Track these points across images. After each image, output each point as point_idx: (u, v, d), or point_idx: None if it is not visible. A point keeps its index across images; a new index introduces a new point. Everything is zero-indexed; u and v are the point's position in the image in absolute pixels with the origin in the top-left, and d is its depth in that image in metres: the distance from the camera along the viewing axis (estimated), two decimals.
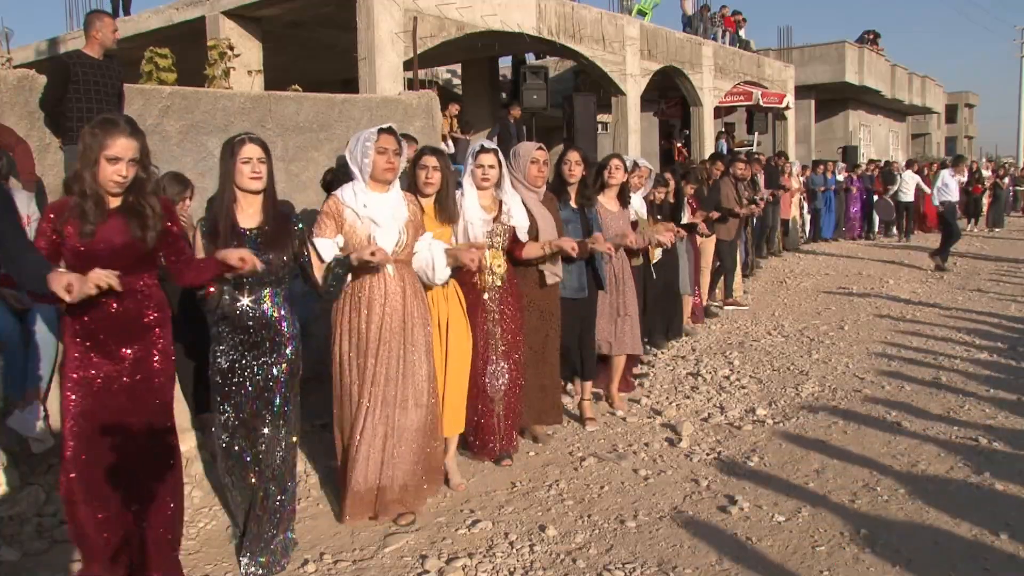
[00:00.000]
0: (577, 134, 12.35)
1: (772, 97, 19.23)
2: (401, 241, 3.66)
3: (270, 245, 3.16)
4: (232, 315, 3.17)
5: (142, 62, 7.99)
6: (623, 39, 15.01)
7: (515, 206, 4.31)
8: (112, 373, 2.76)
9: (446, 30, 11.56)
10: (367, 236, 3.58)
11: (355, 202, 3.60)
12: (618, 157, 5.34)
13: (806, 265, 12.48)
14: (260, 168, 3.15)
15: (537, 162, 4.51)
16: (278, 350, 3.21)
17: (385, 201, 3.64)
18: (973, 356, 6.62)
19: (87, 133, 2.70)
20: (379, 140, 3.57)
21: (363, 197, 3.61)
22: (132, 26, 12.91)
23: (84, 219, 2.67)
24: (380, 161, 3.58)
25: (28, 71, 5.61)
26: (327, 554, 3.40)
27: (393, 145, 3.61)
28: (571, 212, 4.84)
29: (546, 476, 4.25)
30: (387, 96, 9.01)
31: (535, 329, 4.55)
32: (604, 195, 5.25)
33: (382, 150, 3.57)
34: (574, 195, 4.90)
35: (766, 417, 5.14)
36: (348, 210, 3.60)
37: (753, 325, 8.19)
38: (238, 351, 3.18)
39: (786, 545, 3.39)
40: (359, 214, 3.59)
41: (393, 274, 3.64)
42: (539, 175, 4.53)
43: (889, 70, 26.58)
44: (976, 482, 4.00)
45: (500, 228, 4.25)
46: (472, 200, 4.20)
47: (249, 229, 3.17)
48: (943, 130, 41.09)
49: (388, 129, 3.63)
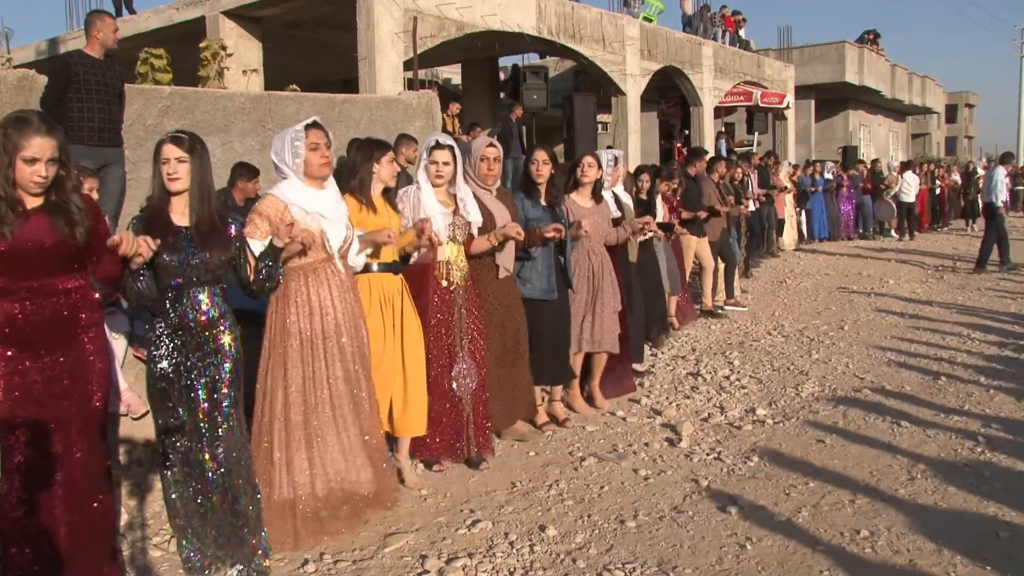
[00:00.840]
0: (577, 134, 12.36)
1: (772, 97, 19.23)
2: (348, 236, 3.60)
3: (204, 243, 3.06)
4: (171, 316, 3.06)
5: (138, 63, 7.99)
6: (623, 39, 15.01)
7: (469, 202, 4.26)
8: (46, 376, 2.67)
9: (446, 30, 11.56)
10: (320, 232, 3.48)
11: (300, 199, 3.47)
12: (591, 155, 5.32)
13: (806, 265, 12.48)
14: (177, 169, 3.03)
15: (487, 159, 4.45)
16: (221, 349, 3.13)
17: (327, 196, 3.56)
18: (973, 356, 6.62)
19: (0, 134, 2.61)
20: (309, 137, 3.45)
21: (305, 193, 3.49)
22: (132, 26, 12.91)
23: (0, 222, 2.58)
24: (314, 158, 3.47)
25: (28, 71, 5.62)
26: (327, 554, 3.40)
27: (324, 139, 3.50)
28: (542, 210, 4.79)
29: (546, 476, 4.25)
30: (387, 96, 9.01)
31: (502, 325, 4.49)
32: (578, 193, 5.22)
33: (314, 146, 3.46)
34: (543, 193, 4.85)
35: (766, 417, 5.14)
36: (294, 208, 3.45)
37: (753, 325, 8.19)
38: (182, 353, 3.08)
39: (786, 545, 3.39)
40: (307, 211, 3.47)
41: (340, 268, 3.58)
42: (489, 173, 4.47)
43: (889, 70, 26.59)
44: (976, 482, 4.00)
45: (460, 221, 4.21)
46: (429, 195, 4.16)
47: (184, 227, 3.08)
48: (943, 130, 41.11)
49: (315, 124, 3.51)
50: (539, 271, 4.71)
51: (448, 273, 4.18)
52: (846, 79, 22.97)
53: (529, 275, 4.71)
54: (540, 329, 4.74)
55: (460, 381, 4.19)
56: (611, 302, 5.19)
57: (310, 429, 3.48)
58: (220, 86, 8.37)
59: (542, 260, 4.72)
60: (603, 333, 5.15)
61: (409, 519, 3.75)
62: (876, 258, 13.45)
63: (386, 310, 3.92)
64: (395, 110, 7.47)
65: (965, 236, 17.12)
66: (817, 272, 11.80)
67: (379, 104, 7.57)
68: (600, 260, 5.19)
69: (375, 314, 3.87)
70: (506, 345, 4.51)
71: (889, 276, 11.34)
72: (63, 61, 5.44)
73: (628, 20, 15.32)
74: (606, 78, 14.96)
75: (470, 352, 4.22)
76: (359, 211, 3.89)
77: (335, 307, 3.53)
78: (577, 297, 5.08)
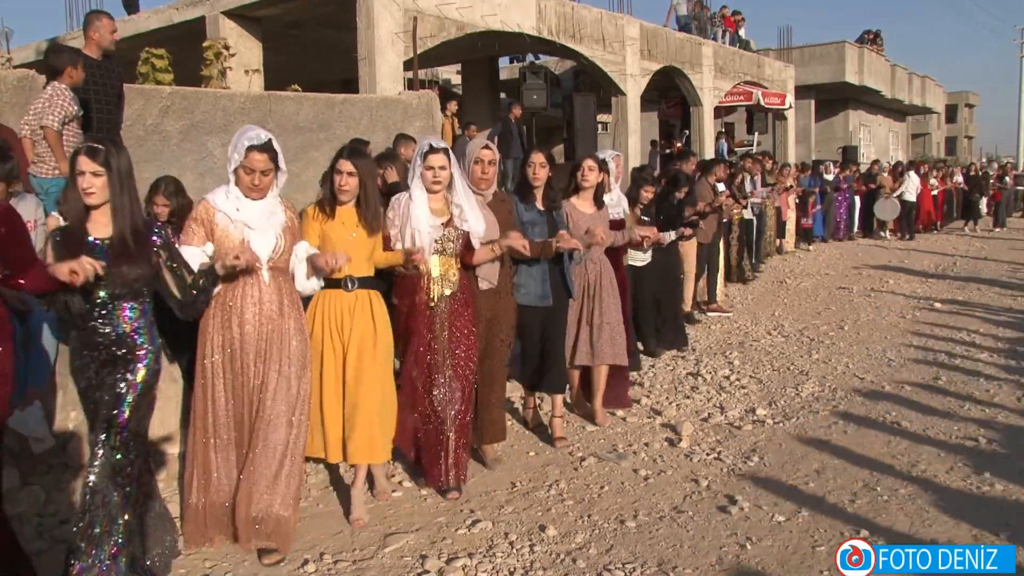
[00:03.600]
0: (577, 134, 12.36)
1: (772, 97, 19.23)
2: (278, 247, 3.41)
3: (121, 257, 2.93)
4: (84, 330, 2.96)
5: (138, 63, 8.00)
6: (623, 39, 15.01)
7: (469, 209, 3.99)
8: None
9: (446, 30, 11.56)
10: (241, 241, 3.32)
11: (227, 206, 3.34)
12: (592, 157, 5.07)
13: (806, 265, 12.48)
14: (93, 183, 2.89)
15: (481, 163, 4.21)
16: (129, 366, 2.98)
17: (260, 205, 3.38)
18: (973, 356, 6.62)
19: None
20: (247, 157, 3.29)
21: (236, 201, 3.35)
22: (132, 26, 12.92)
23: None
24: (244, 179, 3.32)
25: (28, 71, 5.63)
26: (327, 554, 3.41)
27: (262, 165, 3.31)
28: (537, 214, 4.56)
29: (546, 476, 4.25)
30: (387, 96, 9.01)
31: (481, 339, 4.23)
32: (578, 197, 4.97)
33: (248, 170, 3.31)
34: (540, 197, 4.61)
35: (766, 417, 5.14)
36: (220, 215, 3.33)
37: (753, 325, 8.19)
38: (92, 368, 2.98)
39: (786, 545, 3.39)
40: (232, 218, 3.33)
41: (268, 281, 3.39)
42: (483, 177, 4.21)
43: (889, 70, 26.59)
44: (976, 482, 4.00)
45: (452, 233, 3.96)
46: (421, 204, 3.90)
47: (101, 239, 2.96)
48: (943, 130, 41.13)
49: (262, 146, 3.32)
50: (534, 276, 4.51)
51: (431, 288, 3.94)
52: (846, 79, 22.97)
53: (524, 280, 4.50)
54: (533, 336, 4.57)
55: (443, 403, 3.92)
56: (612, 312, 4.96)
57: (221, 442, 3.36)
58: (223, 86, 8.38)
59: (537, 265, 4.51)
60: (603, 345, 4.90)
61: (409, 519, 3.75)
62: (876, 258, 13.45)
63: (328, 330, 3.68)
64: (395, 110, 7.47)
65: (964, 236, 17.13)
66: (817, 272, 11.80)
67: (379, 104, 7.58)
68: (599, 268, 4.97)
69: (316, 333, 3.67)
70: (480, 360, 4.23)
71: (889, 276, 11.34)
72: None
73: (628, 20, 15.32)
74: (606, 78, 14.96)
75: (456, 372, 3.96)
76: (322, 222, 3.69)
77: (257, 321, 3.35)
78: (573, 307, 4.85)
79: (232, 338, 3.35)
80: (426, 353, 3.94)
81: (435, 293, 3.94)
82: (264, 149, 3.32)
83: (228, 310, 3.36)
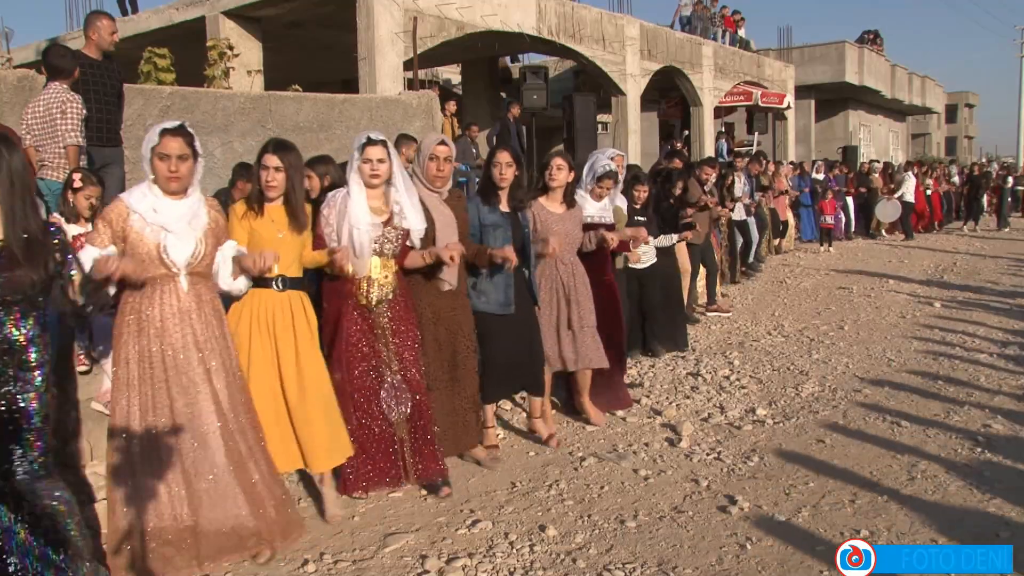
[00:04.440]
0: (577, 134, 12.36)
1: (772, 97, 19.26)
2: (198, 252, 3.21)
3: (13, 262, 2.71)
4: None
5: (141, 62, 8.01)
6: (623, 39, 15.02)
7: (409, 206, 3.79)
8: None
9: (446, 30, 11.57)
10: (157, 245, 3.14)
11: (143, 206, 3.13)
12: (561, 156, 4.81)
13: (806, 265, 12.48)
14: None
15: (436, 159, 4.03)
16: (23, 379, 2.74)
17: (180, 206, 3.19)
18: (973, 356, 6.61)
19: None
20: (161, 143, 3.11)
21: (153, 201, 3.14)
22: (132, 26, 12.93)
23: None
24: (161, 168, 3.12)
25: (28, 71, 5.64)
26: (327, 554, 3.41)
27: (178, 150, 3.11)
28: (500, 217, 4.35)
29: (546, 476, 4.25)
30: (387, 96, 9.02)
31: (443, 344, 4.10)
32: (547, 197, 4.75)
33: (162, 156, 3.10)
34: (505, 198, 4.40)
35: (766, 417, 5.14)
36: (135, 216, 3.13)
37: (753, 325, 8.19)
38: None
39: (786, 545, 3.39)
40: (147, 220, 3.13)
41: (187, 289, 3.20)
42: (439, 174, 4.05)
43: (889, 70, 26.62)
44: (977, 482, 3.99)
45: (392, 233, 3.76)
46: (359, 201, 3.68)
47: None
48: (943, 130, 41.18)
49: (177, 129, 3.16)
50: (495, 283, 4.30)
51: (369, 290, 3.73)
52: (846, 79, 22.99)
53: (485, 287, 4.31)
54: (494, 346, 4.35)
55: (389, 405, 3.77)
56: (589, 316, 4.79)
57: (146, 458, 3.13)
58: (225, 86, 8.39)
59: (500, 272, 4.29)
60: (586, 348, 4.74)
61: (409, 519, 3.75)
62: (876, 258, 13.45)
63: (257, 331, 3.49)
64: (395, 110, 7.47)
65: (964, 236, 17.13)
66: (817, 272, 11.80)
67: (379, 104, 7.58)
68: (571, 271, 4.76)
69: (244, 337, 3.49)
70: (442, 364, 4.11)
71: (889, 276, 11.34)
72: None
73: (628, 20, 15.33)
74: (606, 78, 14.97)
75: (402, 374, 3.80)
76: (251, 220, 3.51)
77: (177, 329, 3.17)
78: (545, 312, 4.68)
79: (148, 349, 3.14)
80: (362, 359, 3.73)
81: (373, 296, 3.74)
82: (178, 133, 3.15)
83: (143, 320, 3.15)
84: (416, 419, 3.85)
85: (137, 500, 3.10)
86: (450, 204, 4.15)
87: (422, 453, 3.87)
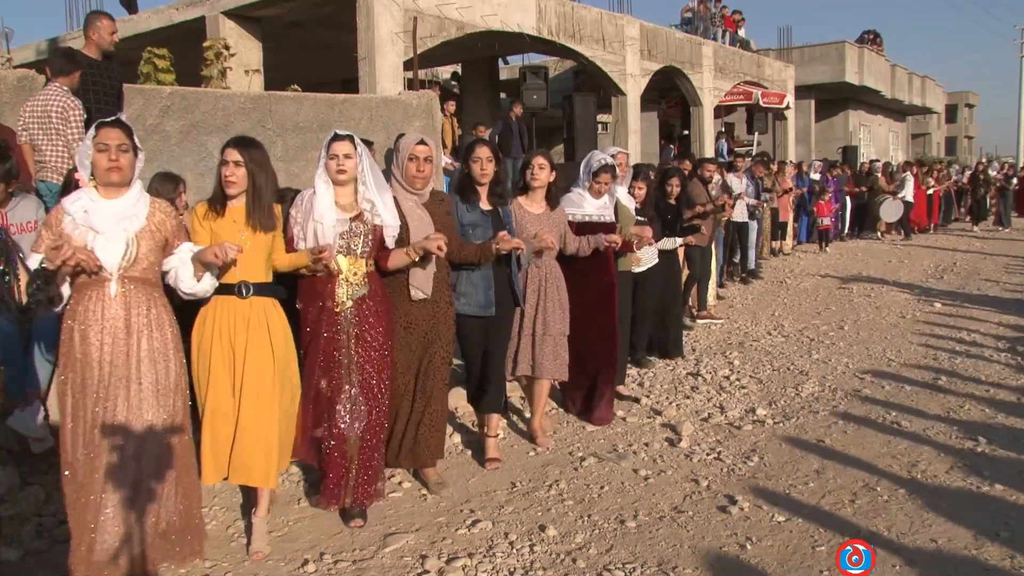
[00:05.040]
0: (577, 134, 12.36)
1: (772, 97, 19.25)
2: (129, 254, 3.00)
3: None
4: None
5: (140, 62, 8.01)
6: (623, 39, 15.02)
7: (382, 203, 3.61)
8: None
9: (446, 30, 11.57)
10: (84, 247, 2.94)
11: (76, 207, 2.97)
12: (542, 155, 4.65)
13: (806, 265, 12.48)
14: None
15: (416, 159, 3.86)
16: None
17: (115, 205, 3.01)
18: (973, 356, 6.62)
19: None
20: (99, 135, 2.98)
21: (87, 202, 2.99)
22: (132, 26, 12.93)
23: None
24: (101, 160, 2.98)
25: (28, 71, 5.63)
26: (327, 554, 3.41)
27: (117, 140, 2.99)
28: (480, 215, 4.20)
29: (546, 476, 4.25)
30: (387, 96, 9.01)
31: (413, 354, 3.90)
32: (527, 197, 4.61)
33: (102, 147, 2.97)
34: (485, 196, 4.26)
35: (766, 417, 5.14)
36: (68, 219, 2.97)
37: (753, 325, 8.19)
38: None
39: (786, 545, 3.40)
40: (78, 221, 2.97)
41: (114, 295, 2.98)
42: (418, 175, 3.87)
43: (889, 70, 26.61)
44: (976, 482, 4.00)
45: (361, 228, 3.57)
46: (325, 197, 3.54)
47: None
48: (943, 130, 41.17)
49: (114, 122, 3.04)
50: (475, 283, 4.14)
51: (335, 292, 3.56)
52: (846, 79, 22.99)
53: (465, 288, 4.15)
54: (473, 348, 4.24)
55: (346, 419, 3.56)
56: (557, 324, 4.58)
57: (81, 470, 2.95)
58: (223, 86, 8.38)
59: (480, 271, 4.15)
60: (544, 358, 4.56)
61: (409, 519, 3.75)
62: (876, 258, 13.45)
63: (219, 342, 3.31)
64: (395, 110, 7.46)
65: (964, 236, 17.12)
66: (817, 272, 11.80)
67: (379, 104, 7.57)
68: (545, 275, 4.58)
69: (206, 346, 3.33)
70: (409, 376, 3.92)
71: (889, 276, 11.35)
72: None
73: (628, 20, 15.33)
74: (606, 78, 14.97)
75: (362, 387, 3.59)
76: (212, 220, 3.34)
77: (99, 341, 2.96)
78: (527, 313, 4.52)
79: (76, 358, 2.96)
80: (329, 364, 3.56)
81: (340, 296, 3.55)
82: (116, 125, 3.03)
83: (70, 328, 2.97)
84: (368, 439, 3.63)
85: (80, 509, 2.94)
86: (430, 208, 3.96)
87: (363, 478, 3.66)
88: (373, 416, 3.62)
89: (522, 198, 4.62)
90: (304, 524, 3.67)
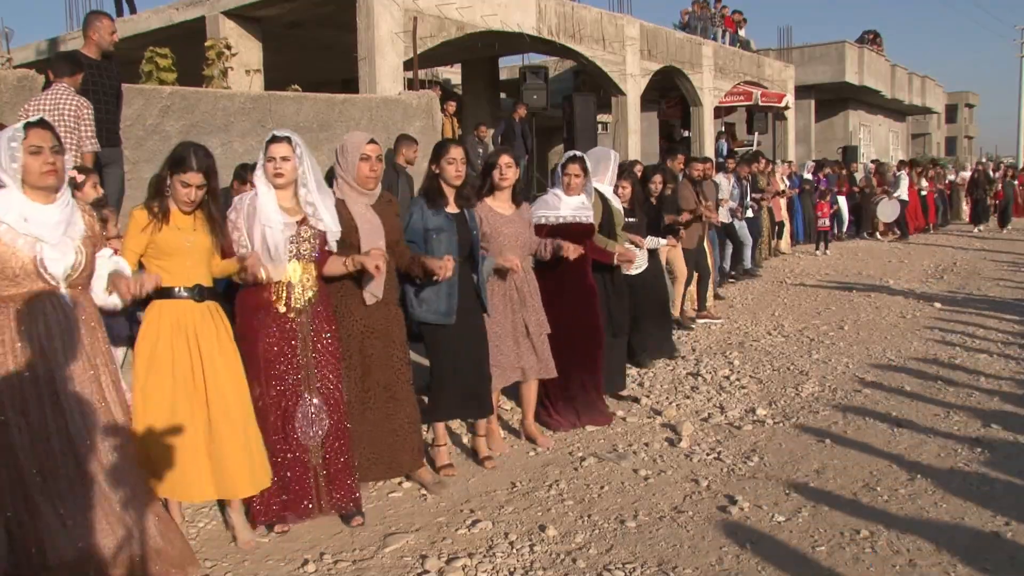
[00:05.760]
0: (577, 134, 12.37)
1: (772, 97, 19.26)
2: (78, 262, 2.91)
3: None
4: None
5: (142, 62, 8.02)
6: (623, 39, 15.03)
7: (323, 207, 3.52)
8: None
9: (446, 30, 11.57)
10: (32, 259, 2.81)
11: (12, 216, 2.79)
12: (508, 154, 4.56)
13: (806, 265, 12.48)
14: None
15: (368, 159, 3.75)
16: None
17: (52, 211, 2.87)
18: (973, 355, 6.61)
19: None
20: (29, 138, 2.81)
21: (21, 209, 2.81)
22: (132, 26, 12.94)
23: None
24: (34, 164, 2.81)
25: (28, 71, 5.64)
26: (327, 554, 3.41)
27: (49, 141, 2.85)
28: (445, 220, 4.06)
29: (546, 476, 4.25)
30: (387, 96, 9.02)
31: (377, 360, 3.82)
32: (494, 197, 4.48)
33: (35, 149, 2.81)
34: (452, 198, 4.13)
35: (766, 417, 5.14)
36: (3, 227, 2.79)
37: (753, 325, 8.19)
38: None
39: (786, 545, 3.39)
40: (18, 230, 2.80)
41: (70, 302, 2.89)
42: (371, 175, 3.77)
43: (889, 70, 26.63)
44: (977, 482, 4.00)
45: (308, 233, 3.50)
46: (268, 200, 3.44)
47: None
48: (943, 130, 41.21)
49: (39, 122, 2.88)
50: (437, 291, 4.03)
51: (289, 297, 3.47)
52: (846, 79, 23.01)
53: (427, 295, 4.04)
54: (440, 356, 4.14)
55: (304, 427, 3.49)
56: (538, 324, 4.54)
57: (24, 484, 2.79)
58: (223, 86, 8.39)
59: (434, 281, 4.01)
60: (527, 359, 4.51)
61: (409, 519, 3.75)
62: (876, 258, 13.45)
63: (183, 346, 3.20)
64: (395, 110, 7.47)
65: (965, 236, 17.12)
66: (817, 272, 11.80)
67: (379, 104, 7.58)
68: (524, 278, 4.51)
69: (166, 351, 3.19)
70: (380, 381, 3.84)
71: (889, 276, 11.35)
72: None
73: (628, 20, 15.34)
74: (606, 78, 14.98)
75: (321, 393, 3.53)
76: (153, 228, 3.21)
77: (58, 347, 2.84)
78: (496, 320, 4.37)
79: (19, 366, 2.81)
80: (280, 377, 3.46)
81: (295, 302, 3.48)
82: (43, 126, 2.88)
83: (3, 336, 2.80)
84: (332, 442, 3.57)
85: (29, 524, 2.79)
86: (378, 209, 3.85)
87: (336, 481, 3.60)
88: (335, 419, 3.58)
89: (489, 199, 4.49)
90: (304, 524, 3.67)
